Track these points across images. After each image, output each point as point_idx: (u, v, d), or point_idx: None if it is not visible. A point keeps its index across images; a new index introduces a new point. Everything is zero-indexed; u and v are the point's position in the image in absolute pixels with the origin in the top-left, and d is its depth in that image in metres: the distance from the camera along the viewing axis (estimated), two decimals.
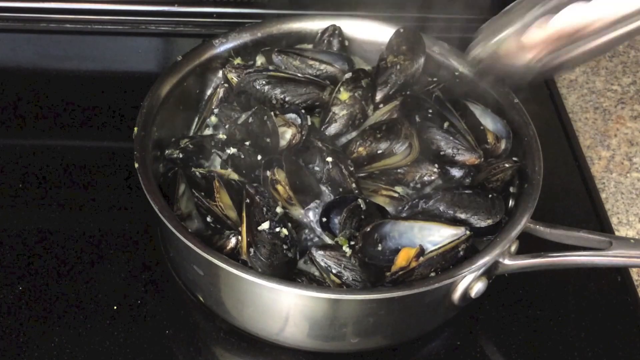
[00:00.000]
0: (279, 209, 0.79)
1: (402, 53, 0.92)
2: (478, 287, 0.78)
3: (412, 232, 0.78)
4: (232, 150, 0.83)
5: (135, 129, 0.83)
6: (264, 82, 0.88)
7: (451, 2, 1.07)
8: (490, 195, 0.82)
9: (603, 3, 0.66)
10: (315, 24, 0.99)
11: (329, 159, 0.82)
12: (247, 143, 0.84)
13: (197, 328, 0.84)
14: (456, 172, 0.86)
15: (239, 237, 0.77)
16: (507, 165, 0.85)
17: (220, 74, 0.95)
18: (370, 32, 0.99)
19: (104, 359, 0.80)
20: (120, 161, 0.99)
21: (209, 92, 0.95)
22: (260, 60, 0.97)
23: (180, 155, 0.86)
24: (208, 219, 0.82)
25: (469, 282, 0.77)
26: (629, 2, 0.65)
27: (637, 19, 0.66)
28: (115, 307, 0.84)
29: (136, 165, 0.79)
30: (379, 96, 0.90)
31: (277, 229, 0.77)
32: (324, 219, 0.81)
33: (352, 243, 0.77)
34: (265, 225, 0.77)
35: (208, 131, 0.92)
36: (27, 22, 1.16)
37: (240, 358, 0.83)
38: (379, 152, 0.84)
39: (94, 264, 0.88)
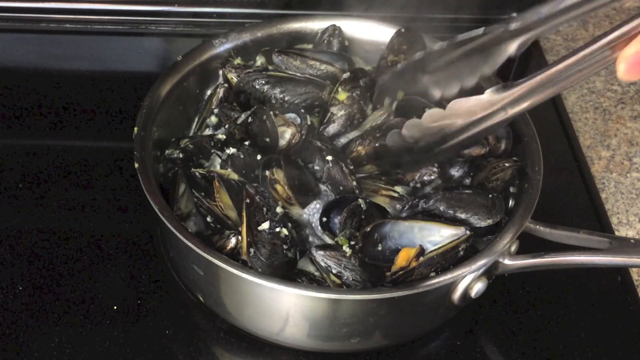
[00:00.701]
0: (279, 209, 0.79)
1: (402, 52, 0.92)
2: (478, 287, 0.78)
3: (412, 232, 0.78)
4: (231, 150, 0.83)
5: (135, 129, 0.83)
6: (263, 81, 0.88)
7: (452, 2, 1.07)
8: (490, 195, 0.82)
9: (455, 111, 0.75)
10: (315, 24, 0.99)
11: (329, 158, 0.82)
12: (247, 143, 0.84)
13: (197, 328, 0.84)
14: (455, 172, 0.86)
15: (239, 237, 0.77)
16: (507, 164, 0.85)
17: (220, 74, 0.95)
18: (370, 32, 0.99)
19: (104, 359, 0.80)
20: (120, 161, 0.99)
21: (209, 92, 0.95)
22: (260, 60, 0.97)
23: (180, 155, 0.86)
24: (208, 219, 0.81)
25: (469, 282, 0.77)
26: (476, 108, 0.74)
27: (496, 117, 0.74)
28: (115, 307, 0.84)
29: (136, 165, 0.79)
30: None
31: (277, 229, 0.77)
32: (324, 219, 0.81)
33: (352, 243, 0.77)
34: (265, 225, 0.77)
35: (208, 131, 0.92)
36: (27, 22, 1.16)
37: (240, 358, 0.83)
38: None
39: (94, 264, 0.88)
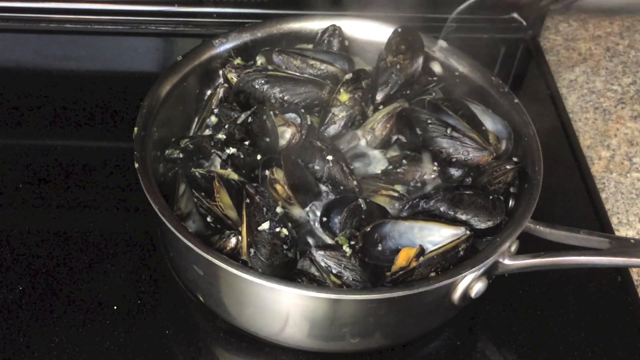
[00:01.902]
0: (279, 209, 0.79)
1: (401, 52, 0.92)
2: (478, 287, 0.78)
3: (412, 232, 0.78)
4: (231, 150, 0.83)
5: (135, 129, 0.83)
6: (262, 81, 0.88)
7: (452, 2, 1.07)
8: (491, 197, 0.82)
9: None
10: (315, 24, 0.99)
11: (329, 158, 0.82)
12: (247, 143, 0.84)
13: (197, 328, 0.84)
14: (455, 171, 0.86)
15: (239, 237, 0.77)
16: (508, 167, 0.85)
17: (220, 74, 0.95)
18: (370, 32, 0.99)
19: (104, 359, 0.80)
20: (120, 161, 0.99)
21: (209, 92, 0.95)
22: (260, 60, 0.97)
23: (180, 155, 0.86)
24: (208, 219, 0.81)
25: (469, 282, 0.77)
26: None
27: None
28: (115, 307, 0.84)
29: (136, 165, 0.79)
30: (380, 97, 0.90)
31: (277, 229, 0.77)
32: (324, 219, 0.81)
33: (352, 243, 0.77)
34: (265, 225, 0.77)
35: (208, 131, 0.92)
36: (27, 22, 1.16)
37: (240, 358, 0.83)
38: None
39: (94, 264, 0.88)
